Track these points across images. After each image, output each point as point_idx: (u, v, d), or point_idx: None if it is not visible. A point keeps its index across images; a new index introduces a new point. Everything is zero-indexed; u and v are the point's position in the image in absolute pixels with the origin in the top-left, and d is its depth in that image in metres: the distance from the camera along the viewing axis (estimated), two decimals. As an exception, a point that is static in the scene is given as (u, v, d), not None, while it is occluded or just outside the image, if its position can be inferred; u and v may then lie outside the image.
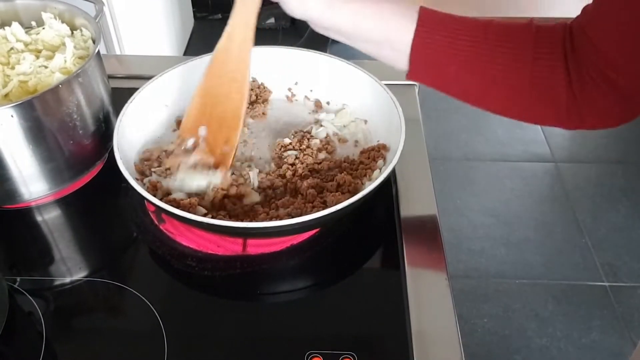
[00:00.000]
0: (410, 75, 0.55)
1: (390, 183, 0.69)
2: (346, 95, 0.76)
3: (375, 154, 0.67)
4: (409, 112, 0.68)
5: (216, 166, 0.63)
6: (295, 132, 0.72)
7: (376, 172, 0.65)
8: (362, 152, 0.69)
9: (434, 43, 0.52)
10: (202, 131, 0.64)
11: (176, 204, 0.59)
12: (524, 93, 0.52)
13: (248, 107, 0.76)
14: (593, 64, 0.49)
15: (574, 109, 0.51)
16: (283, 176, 0.66)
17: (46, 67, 0.66)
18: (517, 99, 0.53)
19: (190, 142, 0.64)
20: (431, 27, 0.52)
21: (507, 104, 0.54)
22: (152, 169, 0.66)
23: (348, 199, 0.56)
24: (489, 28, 0.52)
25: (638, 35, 0.46)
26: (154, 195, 0.58)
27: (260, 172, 0.67)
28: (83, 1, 0.73)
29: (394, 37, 0.53)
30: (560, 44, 0.50)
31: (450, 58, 0.52)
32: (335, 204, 0.56)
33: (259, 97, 0.78)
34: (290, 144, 0.70)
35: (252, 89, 0.79)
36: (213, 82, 0.63)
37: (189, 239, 0.63)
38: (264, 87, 0.80)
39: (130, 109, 0.69)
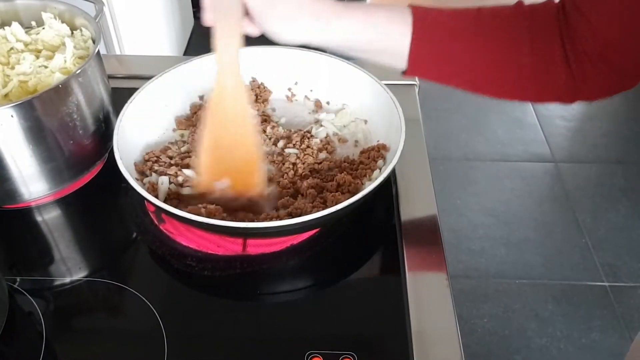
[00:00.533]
0: (407, 74, 0.55)
1: (390, 183, 0.69)
2: (346, 95, 0.76)
3: (375, 154, 0.67)
4: (409, 112, 0.68)
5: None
6: (296, 132, 0.73)
7: (376, 172, 0.65)
8: (362, 152, 0.69)
9: (431, 44, 0.52)
10: (221, 185, 0.62)
11: (197, 210, 0.59)
12: (524, 75, 0.52)
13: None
14: (587, 40, 0.49)
15: (571, 84, 0.51)
16: (282, 175, 0.66)
17: (46, 67, 0.66)
18: (517, 82, 0.53)
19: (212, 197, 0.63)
20: (426, 28, 0.52)
21: (508, 88, 0.55)
22: (154, 169, 0.66)
23: (348, 199, 0.56)
24: (482, 17, 0.52)
25: (631, 11, 0.46)
26: (154, 196, 0.58)
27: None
28: (83, 1, 0.73)
29: (391, 44, 0.53)
30: (555, 23, 0.50)
31: (448, 54, 0.53)
32: (335, 204, 0.56)
33: (258, 97, 0.78)
34: (290, 138, 0.70)
35: (252, 89, 0.79)
36: (217, 132, 0.61)
37: (189, 239, 0.63)
38: (264, 87, 0.80)
39: (130, 109, 0.69)
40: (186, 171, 0.65)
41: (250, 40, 0.78)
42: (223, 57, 0.57)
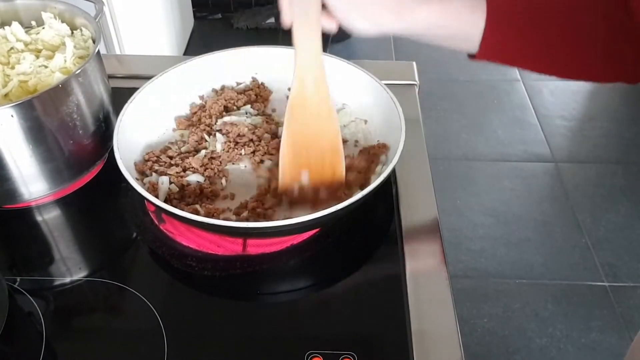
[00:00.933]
0: (476, 58, 0.54)
1: (390, 183, 0.69)
2: (346, 95, 0.76)
3: (377, 151, 0.67)
4: (409, 112, 0.68)
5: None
6: None
7: (378, 167, 0.65)
8: (361, 152, 0.69)
9: (505, 27, 0.52)
10: (304, 176, 0.63)
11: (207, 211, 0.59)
12: (598, 56, 0.52)
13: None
14: None
15: (638, 64, 0.51)
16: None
17: (46, 66, 0.66)
18: (591, 63, 0.53)
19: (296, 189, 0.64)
20: (500, 12, 0.51)
21: (582, 70, 0.54)
22: (154, 169, 0.66)
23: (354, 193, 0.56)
24: (555, 3, 0.51)
25: None
26: (154, 196, 0.58)
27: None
28: (83, 1, 0.73)
29: (464, 30, 0.53)
30: (623, 5, 0.50)
31: (521, 41, 0.52)
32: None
33: (259, 97, 0.78)
34: None
35: (251, 89, 0.79)
36: (297, 128, 0.62)
37: (189, 239, 0.63)
38: (264, 87, 0.80)
39: (130, 109, 0.68)
40: (191, 177, 0.65)
41: (250, 40, 0.78)
42: (304, 57, 0.58)
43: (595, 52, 0.52)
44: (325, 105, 0.61)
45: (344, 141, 0.72)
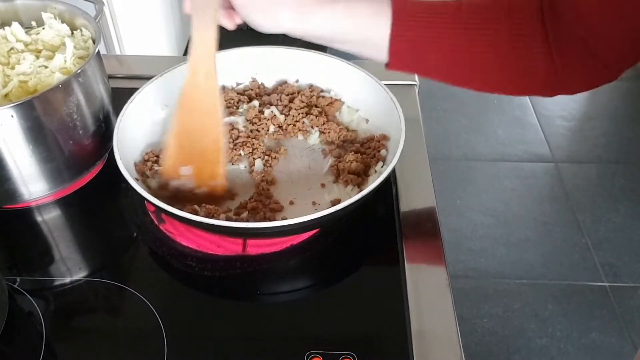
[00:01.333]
0: (390, 67, 0.55)
1: (390, 183, 0.69)
2: (346, 95, 0.76)
3: (376, 144, 0.68)
4: (409, 112, 0.68)
5: (212, 194, 0.64)
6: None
7: (378, 165, 0.66)
8: (362, 144, 0.70)
9: (411, 36, 0.52)
10: (185, 171, 0.63)
11: (193, 210, 0.59)
12: (504, 71, 0.52)
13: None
14: (573, 32, 0.48)
15: (553, 76, 0.51)
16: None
17: (46, 67, 0.66)
18: (497, 76, 0.53)
19: (174, 184, 0.63)
20: (406, 21, 0.52)
21: (488, 82, 0.55)
22: (154, 170, 0.66)
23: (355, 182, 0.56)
24: (462, 8, 0.51)
25: (619, 2, 0.46)
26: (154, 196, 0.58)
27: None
28: (83, 1, 0.73)
29: (371, 35, 0.53)
30: (536, 16, 0.50)
31: (428, 47, 0.52)
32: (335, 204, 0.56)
33: (258, 97, 0.78)
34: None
35: (251, 89, 0.79)
36: (186, 120, 0.62)
37: (189, 239, 0.63)
38: (264, 87, 0.80)
39: (130, 109, 0.69)
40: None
41: (250, 40, 0.78)
42: (198, 49, 0.57)
43: (502, 63, 0.52)
44: (213, 100, 0.61)
45: (353, 134, 0.73)
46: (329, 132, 0.71)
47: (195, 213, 0.57)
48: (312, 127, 0.72)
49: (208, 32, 0.56)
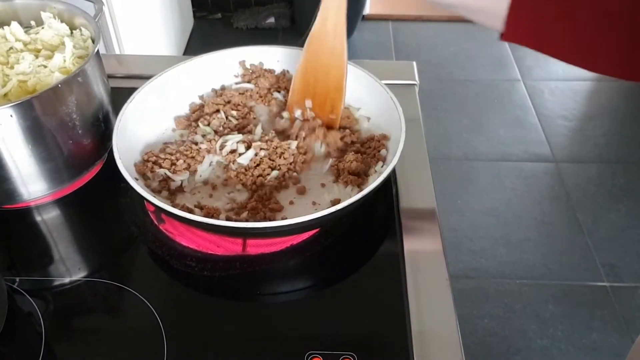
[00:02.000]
0: (504, 38, 0.51)
1: (390, 183, 0.69)
2: (346, 95, 0.76)
3: (376, 144, 0.68)
4: (409, 112, 0.68)
5: (327, 127, 0.71)
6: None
7: (378, 165, 0.65)
8: (362, 144, 0.69)
9: (530, 11, 0.48)
10: (308, 104, 0.71)
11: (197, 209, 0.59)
12: (623, 49, 0.47)
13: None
14: None
15: None
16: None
17: (45, 66, 0.66)
18: (617, 55, 0.48)
19: (298, 113, 0.71)
20: None
21: (607, 62, 0.50)
22: (153, 169, 0.66)
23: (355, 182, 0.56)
24: None
25: None
26: (154, 196, 0.58)
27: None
28: (82, 1, 0.73)
29: (491, 3, 0.49)
30: None
31: (548, 16, 0.48)
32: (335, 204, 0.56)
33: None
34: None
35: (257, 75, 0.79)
36: (312, 62, 0.69)
37: (188, 239, 0.63)
38: (271, 72, 0.79)
39: (130, 108, 0.68)
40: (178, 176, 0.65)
41: (250, 41, 0.78)
42: (330, 1, 0.63)
43: (621, 44, 0.47)
44: (340, 44, 0.66)
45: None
46: (331, 143, 0.70)
47: (195, 213, 0.57)
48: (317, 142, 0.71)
49: None
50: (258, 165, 0.66)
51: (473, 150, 2.03)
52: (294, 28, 2.63)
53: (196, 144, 0.69)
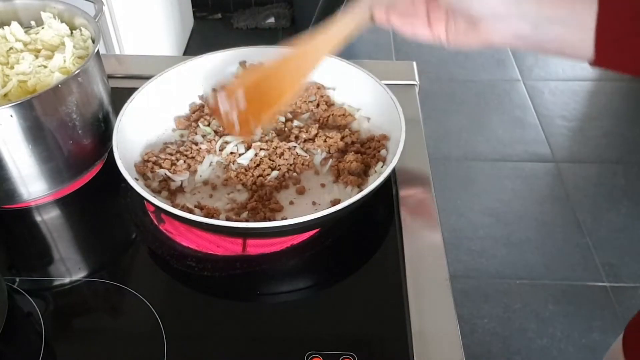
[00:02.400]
0: (596, 62, 0.46)
1: (390, 183, 0.69)
2: (346, 95, 0.76)
3: (376, 144, 0.68)
4: (409, 112, 0.68)
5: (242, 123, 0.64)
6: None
7: (379, 165, 0.65)
8: (362, 144, 0.69)
9: (621, 17, 0.44)
10: (240, 95, 0.63)
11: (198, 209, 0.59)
12: None
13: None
14: None
15: None
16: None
17: (45, 66, 0.66)
18: None
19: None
20: (616, 7, 0.44)
21: None
22: (154, 169, 0.66)
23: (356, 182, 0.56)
24: None
25: None
26: (154, 196, 0.58)
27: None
28: (82, 1, 0.73)
29: (577, 19, 0.45)
30: None
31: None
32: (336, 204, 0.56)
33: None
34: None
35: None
36: (275, 69, 0.63)
37: (188, 239, 0.63)
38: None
39: (130, 108, 0.68)
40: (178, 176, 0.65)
41: (251, 41, 0.78)
42: (325, 34, 0.58)
43: None
44: (308, 70, 0.62)
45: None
46: (331, 146, 0.70)
47: (195, 213, 0.57)
48: (317, 149, 0.70)
49: (343, 27, 0.57)
50: (258, 165, 0.66)
51: (473, 150, 2.03)
52: (294, 28, 2.63)
53: (196, 144, 0.69)
